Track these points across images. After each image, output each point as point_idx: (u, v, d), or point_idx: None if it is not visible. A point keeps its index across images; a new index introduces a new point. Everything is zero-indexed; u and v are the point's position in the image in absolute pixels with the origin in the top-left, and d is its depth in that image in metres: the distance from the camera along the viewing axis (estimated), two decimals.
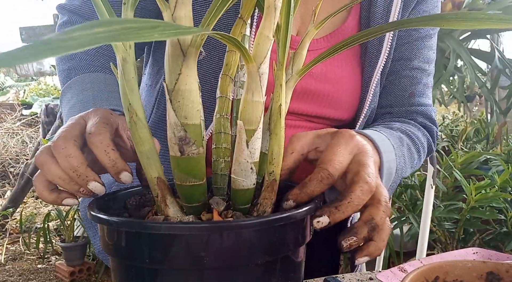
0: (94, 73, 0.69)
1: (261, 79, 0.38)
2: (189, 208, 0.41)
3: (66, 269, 2.40)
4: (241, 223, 0.37)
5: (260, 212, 0.42)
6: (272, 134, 0.43)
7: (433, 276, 0.47)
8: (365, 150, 0.48)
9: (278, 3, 0.37)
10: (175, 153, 0.38)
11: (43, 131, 3.10)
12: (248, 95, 0.39)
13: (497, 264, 0.48)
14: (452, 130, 3.84)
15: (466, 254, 0.72)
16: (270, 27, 0.38)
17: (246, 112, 0.39)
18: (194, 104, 0.37)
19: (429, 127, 0.78)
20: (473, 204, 1.87)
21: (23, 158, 4.32)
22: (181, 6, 0.35)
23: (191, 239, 0.35)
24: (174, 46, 0.36)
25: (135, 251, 0.37)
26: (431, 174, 1.13)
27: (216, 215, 0.40)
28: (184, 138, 0.37)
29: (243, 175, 0.40)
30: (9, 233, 3.06)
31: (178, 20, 0.35)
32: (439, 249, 2.13)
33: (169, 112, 0.37)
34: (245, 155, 0.39)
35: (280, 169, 0.44)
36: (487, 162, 2.48)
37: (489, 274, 0.48)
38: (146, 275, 0.37)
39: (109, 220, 0.37)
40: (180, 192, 0.40)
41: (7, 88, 7.35)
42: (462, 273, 0.48)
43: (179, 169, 0.39)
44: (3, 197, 3.88)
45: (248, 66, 0.38)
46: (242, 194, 0.41)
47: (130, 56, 0.39)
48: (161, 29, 0.22)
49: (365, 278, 0.73)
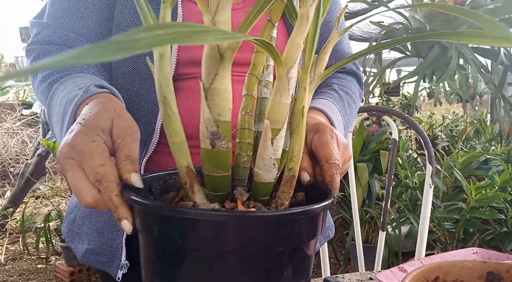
0: (74, 74, 0.70)
1: (289, 83, 0.42)
2: (214, 196, 0.44)
3: (66, 269, 2.40)
4: (271, 214, 0.41)
5: (278, 204, 0.46)
6: (294, 134, 0.46)
7: (433, 276, 0.47)
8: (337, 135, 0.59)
9: (310, 13, 0.40)
10: (207, 146, 0.41)
11: (43, 131, 3.10)
12: (277, 97, 0.42)
13: (497, 264, 0.48)
14: (452, 130, 3.85)
15: (466, 254, 0.72)
16: (301, 35, 0.41)
17: (273, 112, 0.43)
18: (227, 103, 0.41)
19: (356, 73, 0.93)
20: (473, 204, 1.87)
21: (23, 158, 4.32)
22: (221, 12, 0.38)
23: (222, 225, 0.39)
24: (212, 48, 0.39)
25: (167, 232, 0.40)
26: (429, 174, 1.13)
27: (240, 204, 0.44)
28: (216, 133, 0.41)
29: (266, 170, 0.44)
30: (9, 233, 3.06)
31: (218, 24, 0.38)
32: (439, 249, 2.13)
33: (203, 109, 0.41)
34: (270, 151, 0.43)
35: (299, 166, 0.47)
36: (487, 162, 2.48)
37: (489, 274, 0.48)
38: (173, 255, 0.41)
39: (145, 203, 0.41)
40: (207, 181, 0.44)
41: (7, 88, 7.35)
42: (462, 273, 0.48)
43: (209, 160, 0.42)
44: (3, 197, 3.88)
45: (279, 70, 0.41)
46: (263, 187, 0.45)
47: (167, 52, 0.42)
48: (213, 34, 0.24)
49: (365, 278, 0.73)
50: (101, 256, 0.75)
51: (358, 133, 2.36)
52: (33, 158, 3.02)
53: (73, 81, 0.66)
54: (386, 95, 4.41)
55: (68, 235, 0.82)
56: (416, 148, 3.53)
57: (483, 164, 2.46)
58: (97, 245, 0.76)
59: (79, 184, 0.46)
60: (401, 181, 2.17)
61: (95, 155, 0.46)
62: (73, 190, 0.47)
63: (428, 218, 1.14)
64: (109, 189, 0.45)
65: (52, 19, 0.76)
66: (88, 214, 0.79)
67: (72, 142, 0.48)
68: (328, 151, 0.54)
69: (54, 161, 3.68)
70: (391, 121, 1.26)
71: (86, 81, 0.64)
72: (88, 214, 0.79)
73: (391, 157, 1.25)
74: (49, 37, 0.75)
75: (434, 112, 5.12)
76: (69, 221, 0.83)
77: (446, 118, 4.65)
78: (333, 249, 2.53)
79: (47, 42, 0.75)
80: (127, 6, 0.73)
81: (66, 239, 0.83)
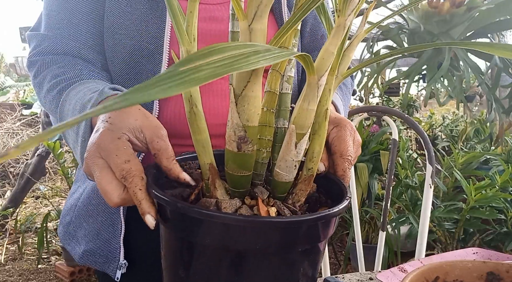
0: (83, 81, 0.70)
1: (318, 90, 0.42)
2: (234, 192, 0.46)
3: (66, 269, 2.40)
4: (296, 219, 0.43)
5: (294, 200, 0.48)
6: (315, 135, 0.47)
7: (433, 276, 0.47)
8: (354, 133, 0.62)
9: (348, 23, 0.40)
10: (233, 149, 0.43)
11: (43, 131, 3.10)
12: (304, 103, 0.43)
13: (497, 264, 0.48)
14: (452, 130, 3.84)
15: (466, 254, 0.72)
16: (336, 44, 0.41)
17: (299, 118, 0.44)
18: (256, 109, 0.42)
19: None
20: (473, 204, 1.87)
21: (23, 158, 4.32)
22: (259, 19, 0.38)
23: (251, 229, 0.41)
24: None
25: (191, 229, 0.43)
26: (429, 174, 1.13)
27: (261, 202, 0.46)
28: (243, 137, 0.42)
29: (287, 171, 0.46)
30: (9, 233, 3.06)
31: (254, 32, 0.39)
32: (439, 249, 2.13)
33: (232, 113, 0.42)
34: (292, 154, 0.45)
35: (317, 166, 0.49)
36: (487, 162, 2.48)
37: (489, 274, 0.48)
38: (196, 249, 0.44)
39: (170, 202, 0.43)
40: (229, 179, 0.46)
41: (7, 88, 7.34)
42: (462, 273, 0.48)
43: (234, 161, 0.44)
44: (3, 197, 3.88)
45: (309, 77, 0.42)
46: (282, 185, 0.47)
47: (194, 48, 0.43)
48: (262, 56, 0.25)
49: (365, 278, 0.73)
50: (99, 257, 0.75)
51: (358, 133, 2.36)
52: (33, 158, 3.01)
53: (84, 86, 0.67)
54: (386, 95, 4.41)
55: (64, 238, 0.82)
56: (416, 148, 3.53)
57: (483, 164, 2.46)
58: (95, 246, 0.76)
59: (106, 183, 0.48)
60: (401, 181, 2.17)
61: (121, 152, 0.48)
62: (99, 189, 0.49)
63: (428, 218, 1.14)
64: (133, 183, 0.46)
65: (51, 30, 0.76)
66: (84, 216, 0.79)
67: (98, 141, 0.50)
68: (344, 146, 0.57)
69: (54, 161, 3.67)
70: (391, 121, 1.26)
71: (97, 86, 0.66)
72: (85, 216, 0.79)
73: (391, 157, 1.25)
74: (50, 47, 0.75)
75: (434, 113, 5.12)
76: (65, 224, 0.83)
77: (446, 118, 4.65)
78: (333, 249, 2.52)
79: (49, 52, 0.75)
80: (115, 7, 0.73)
81: (62, 242, 0.83)
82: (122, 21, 0.73)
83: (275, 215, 0.45)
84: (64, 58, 0.74)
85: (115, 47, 0.74)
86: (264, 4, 0.38)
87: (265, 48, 0.26)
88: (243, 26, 0.39)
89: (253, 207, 0.45)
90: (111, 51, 0.75)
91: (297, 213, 0.47)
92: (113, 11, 0.73)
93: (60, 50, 0.75)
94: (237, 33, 0.45)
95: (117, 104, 0.18)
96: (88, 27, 0.75)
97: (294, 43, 0.48)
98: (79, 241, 0.79)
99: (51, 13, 0.76)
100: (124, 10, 0.73)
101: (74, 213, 0.81)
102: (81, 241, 0.78)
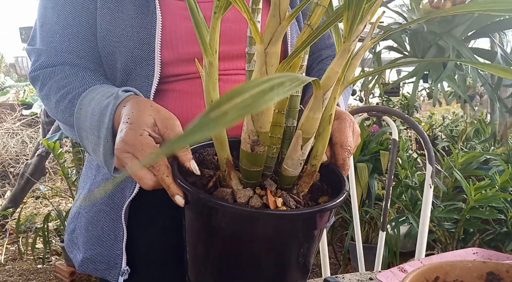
0: (92, 87, 0.71)
1: (323, 102, 0.49)
2: (247, 183, 0.53)
3: (66, 269, 2.40)
4: (308, 211, 0.51)
5: (299, 191, 0.55)
6: (320, 137, 0.53)
7: (433, 276, 0.47)
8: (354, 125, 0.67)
9: (352, 47, 0.46)
10: (247, 149, 0.50)
11: (43, 131, 3.10)
12: (311, 113, 0.49)
13: (497, 264, 0.48)
14: (452, 130, 3.85)
15: (466, 254, 0.72)
16: (340, 64, 0.47)
17: (306, 125, 0.50)
18: (268, 118, 0.48)
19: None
20: (473, 204, 1.87)
21: (23, 158, 4.32)
22: (274, 44, 0.44)
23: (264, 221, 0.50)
24: (262, 72, 0.45)
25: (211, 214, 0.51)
26: (429, 174, 1.13)
27: (269, 193, 0.53)
28: (256, 141, 0.49)
29: (293, 167, 0.53)
30: (9, 233, 3.06)
31: (269, 55, 0.44)
32: (439, 249, 2.13)
33: (247, 121, 0.48)
34: (298, 154, 0.52)
35: (320, 163, 0.55)
36: (487, 162, 2.48)
37: (489, 274, 0.48)
38: (213, 231, 0.52)
39: (193, 192, 0.51)
40: (243, 173, 0.53)
41: (7, 88, 7.34)
42: (462, 273, 0.48)
43: (247, 159, 0.51)
44: (3, 197, 3.88)
45: (316, 91, 0.48)
46: (289, 179, 0.54)
47: (216, 60, 0.49)
48: (277, 93, 0.27)
49: (365, 278, 0.73)
50: (99, 264, 0.75)
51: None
52: (33, 158, 3.02)
53: (96, 93, 0.69)
54: (386, 95, 4.41)
55: (68, 245, 0.83)
56: (416, 148, 3.53)
57: (483, 164, 2.45)
58: (95, 253, 0.76)
59: (137, 170, 0.55)
60: (401, 181, 2.17)
61: (145, 146, 0.56)
62: (134, 176, 0.57)
63: (428, 218, 1.14)
64: (161, 171, 0.54)
65: (46, 44, 0.77)
66: (86, 223, 0.79)
67: (124, 138, 0.57)
68: (344, 138, 0.62)
69: (54, 161, 3.67)
70: (391, 121, 1.26)
71: (109, 90, 0.68)
72: (86, 223, 0.79)
73: (391, 157, 1.25)
74: (47, 62, 0.76)
75: (434, 113, 5.12)
76: (69, 231, 0.84)
77: (446, 118, 4.65)
78: (333, 249, 2.53)
79: (47, 66, 0.76)
80: (107, 14, 0.74)
81: (66, 249, 0.84)
82: (114, 29, 0.73)
83: (281, 204, 0.52)
84: (63, 69, 0.75)
85: (111, 56, 0.75)
86: (279, 32, 0.43)
87: (279, 82, 0.29)
88: (259, 49, 0.44)
89: (263, 197, 0.53)
90: (106, 61, 0.76)
91: (300, 203, 0.54)
92: (105, 18, 0.74)
93: (57, 62, 0.76)
94: (252, 55, 0.52)
95: (167, 150, 0.23)
96: (82, 39, 0.76)
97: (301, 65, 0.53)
98: (79, 248, 0.79)
99: (44, 25, 0.77)
100: (115, 16, 0.73)
101: (78, 221, 0.82)
102: (81, 248, 0.79)
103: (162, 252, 0.78)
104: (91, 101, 0.68)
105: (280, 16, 0.43)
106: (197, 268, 0.56)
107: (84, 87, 0.72)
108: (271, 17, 0.43)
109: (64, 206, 3.41)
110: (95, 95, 0.68)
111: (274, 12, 0.43)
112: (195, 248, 0.55)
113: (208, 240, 0.53)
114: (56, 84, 0.74)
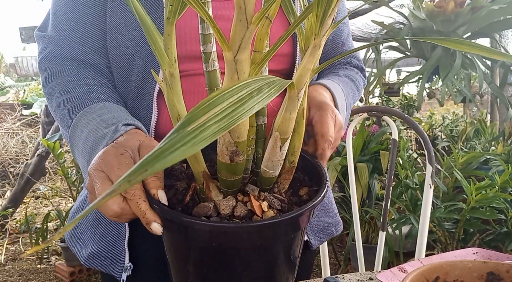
0: (94, 105, 0.70)
1: (298, 101, 0.48)
2: (227, 192, 0.52)
3: (66, 269, 2.40)
4: (289, 216, 0.49)
5: (280, 188, 0.55)
6: (295, 133, 0.52)
7: (433, 276, 0.47)
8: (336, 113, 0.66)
9: (322, 42, 0.45)
10: (226, 161, 0.47)
11: (43, 131, 3.10)
12: (287, 113, 0.48)
13: (498, 264, 0.48)
14: (452, 130, 3.85)
15: (466, 254, 0.72)
16: (312, 62, 0.46)
17: (283, 126, 0.49)
18: (246, 127, 0.46)
19: (361, 67, 0.99)
20: (473, 204, 1.87)
21: (23, 158, 4.32)
22: (243, 51, 0.41)
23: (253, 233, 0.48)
24: (230, 80, 0.43)
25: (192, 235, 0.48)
26: (429, 174, 1.13)
27: (253, 198, 0.51)
28: (235, 151, 0.47)
29: (273, 168, 0.52)
30: (9, 233, 3.06)
31: (239, 62, 0.42)
32: (439, 249, 2.13)
33: (224, 133, 0.43)
34: (278, 155, 0.50)
35: (298, 158, 0.54)
36: (487, 162, 2.48)
37: (490, 274, 0.48)
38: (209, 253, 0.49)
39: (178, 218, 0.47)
40: (223, 184, 0.51)
41: (7, 88, 7.35)
42: (462, 273, 0.48)
43: (227, 170, 0.49)
44: (3, 197, 3.88)
45: (290, 91, 0.46)
46: (269, 179, 0.53)
47: (176, 70, 0.45)
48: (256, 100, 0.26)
49: (365, 278, 0.73)
50: (104, 259, 0.75)
51: (359, 133, 2.36)
52: (33, 158, 3.01)
53: (96, 115, 0.67)
54: (386, 95, 4.41)
55: (71, 240, 0.82)
56: (416, 148, 3.53)
57: (483, 164, 2.45)
58: (100, 248, 0.76)
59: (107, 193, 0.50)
60: (401, 181, 2.17)
61: (122, 166, 0.51)
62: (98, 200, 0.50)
63: (428, 218, 1.14)
64: (136, 195, 0.49)
65: (57, 32, 0.76)
66: (90, 219, 0.79)
67: (103, 155, 0.53)
68: (325, 128, 0.62)
69: (54, 161, 3.67)
70: (391, 121, 1.26)
71: (109, 115, 0.67)
72: (90, 219, 0.79)
73: (391, 157, 1.25)
74: (56, 52, 0.75)
75: (434, 113, 5.12)
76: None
77: (446, 118, 4.65)
78: (333, 249, 2.52)
79: (55, 57, 0.75)
80: (117, 6, 0.73)
81: (68, 244, 0.83)
82: (124, 22, 0.72)
83: (267, 208, 0.51)
84: (71, 70, 0.74)
85: (118, 49, 0.74)
86: (247, 37, 0.41)
87: (257, 88, 0.28)
88: (228, 57, 0.42)
89: (247, 203, 0.51)
90: (114, 53, 0.75)
91: (285, 201, 0.53)
92: (115, 11, 0.73)
93: (67, 54, 0.75)
94: (209, 54, 0.46)
95: (139, 176, 0.20)
96: (94, 29, 0.75)
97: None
98: (85, 243, 0.79)
99: (58, 12, 0.76)
100: (125, 9, 0.72)
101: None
102: (88, 243, 0.78)
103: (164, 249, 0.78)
104: (88, 124, 0.66)
105: (247, 20, 0.40)
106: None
107: (87, 101, 0.71)
108: (237, 21, 0.40)
109: (64, 206, 3.41)
110: (94, 118, 0.67)
111: (240, 16, 0.40)
112: (181, 267, 0.52)
113: (199, 260, 0.51)
114: (60, 87, 0.73)
